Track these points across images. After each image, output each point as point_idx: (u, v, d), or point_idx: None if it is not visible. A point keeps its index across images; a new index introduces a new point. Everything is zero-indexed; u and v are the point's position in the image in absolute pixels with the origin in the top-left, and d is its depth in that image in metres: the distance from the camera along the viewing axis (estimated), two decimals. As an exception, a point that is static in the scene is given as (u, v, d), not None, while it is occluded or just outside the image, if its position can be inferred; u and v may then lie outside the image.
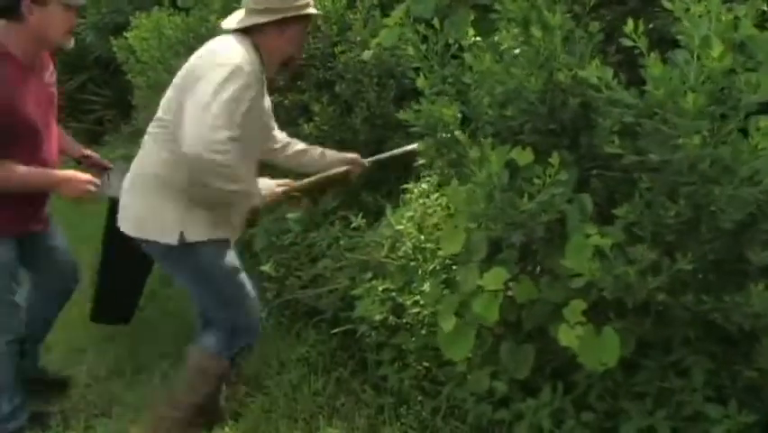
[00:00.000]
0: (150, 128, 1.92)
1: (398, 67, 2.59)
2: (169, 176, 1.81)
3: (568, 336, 1.33)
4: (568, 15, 1.39)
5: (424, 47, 1.49)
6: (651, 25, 1.52)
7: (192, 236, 1.83)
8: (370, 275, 2.12)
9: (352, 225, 2.34)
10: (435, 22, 1.51)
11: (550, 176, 1.23)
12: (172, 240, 1.82)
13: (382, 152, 2.64)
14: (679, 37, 1.18)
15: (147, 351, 2.63)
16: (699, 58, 1.11)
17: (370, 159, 2.29)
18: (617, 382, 1.50)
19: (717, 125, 1.12)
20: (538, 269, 1.46)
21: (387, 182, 2.68)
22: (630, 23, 1.12)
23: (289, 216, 2.70)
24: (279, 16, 1.88)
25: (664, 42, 1.35)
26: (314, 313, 2.51)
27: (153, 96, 1.97)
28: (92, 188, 2.04)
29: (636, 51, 1.19)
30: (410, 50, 1.47)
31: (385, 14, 2.67)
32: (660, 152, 1.17)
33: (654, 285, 1.20)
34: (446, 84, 1.46)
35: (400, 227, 1.91)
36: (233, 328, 1.99)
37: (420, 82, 1.44)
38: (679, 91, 1.09)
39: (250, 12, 1.90)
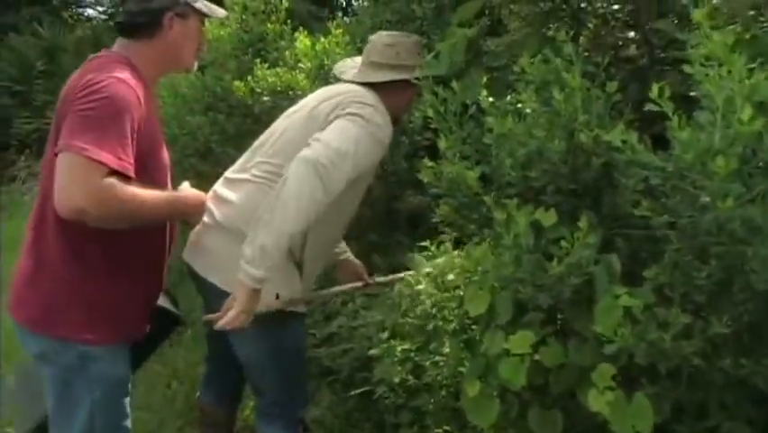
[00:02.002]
0: (251, 175, 1.74)
1: (410, 124, 2.62)
2: None
3: (598, 401, 1.29)
4: (583, 76, 1.41)
5: (442, 108, 1.50)
6: (662, 83, 1.54)
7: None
8: (387, 335, 2.08)
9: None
10: (453, 83, 1.53)
11: (578, 238, 1.21)
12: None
13: (396, 207, 2.65)
14: (694, 94, 1.19)
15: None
16: (723, 117, 1.11)
17: (377, 280, 2.21)
18: (650, 448, 1.44)
19: (745, 186, 1.11)
20: (564, 331, 1.43)
21: (398, 240, 2.67)
22: (655, 88, 1.13)
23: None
24: (410, 75, 1.80)
25: (675, 100, 1.36)
26: (328, 373, 2.47)
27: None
28: None
29: (649, 110, 1.20)
30: (430, 112, 1.48)
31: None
32: (688, 212, 1.16)
33: (690, 350, 1.17)
34: (466, 145, 1.47)
35: (419, 286, 1.88)
36: (291, 413, 1.86)
37: (442, 144, 1.45)
38: (707, 154, 1.08)
39: (377, 66, 1.83)
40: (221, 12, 1.75)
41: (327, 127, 1.65)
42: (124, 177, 1.44)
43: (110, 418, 1.64)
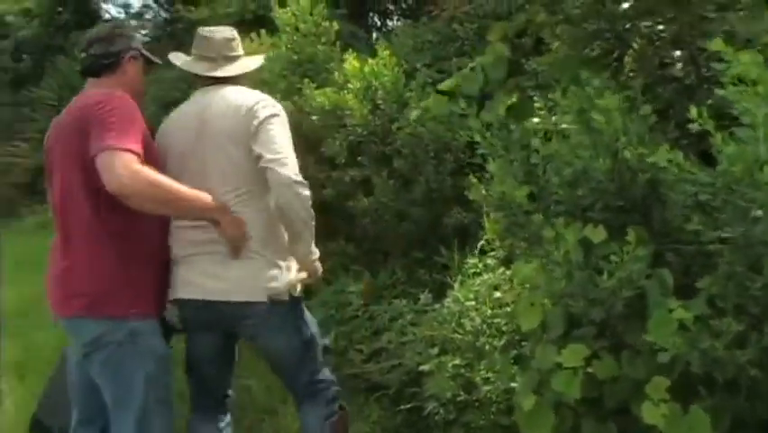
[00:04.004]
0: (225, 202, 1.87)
1: (454, 141, 2.67)
2: (266, 235, 1.80)
3: (653, 413, 1.30)
4: (622, 98, 1.44)
5: (488, 134, 1.55)
6: (709, 101, 1.55)
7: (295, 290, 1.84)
8: (437, 351, 2.11)
9: (420, 301, 2.35)
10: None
11: (627, 252, 1.24)
12: (284, 295, 1.79)
13: (441, 224, 2.68)
14: (736, 113, 1.21)
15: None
16: (765, 134, 1.14)
17: None
18: (707, 463, 1.43)
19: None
20: (617, 345, 1.45)
21: (443, 257, 2.70)
22: (693, 110, 1.16)
23: (350, 288, 2.75)
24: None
25: (724, 117, 1.37)
26: (376, 388, 2.49)
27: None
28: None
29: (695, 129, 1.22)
30: (477, 137, 1.54)
31: (438, 92, 2.80)
32: (739, 225, 1.18)
33: (744, 359, 1.18)
34: (514, 165, 1.51)
35: (470, 303, 1.91)
36: (328, 388, 1.94)
37: (492, 167, 1.50)
38: (755, 165, 1.11)
39: (233, 59, 1.99)
40: (157, 60, 2.06)
41: (264, 139, 1.79)
42: None
43: (160, 391, 1.77)
